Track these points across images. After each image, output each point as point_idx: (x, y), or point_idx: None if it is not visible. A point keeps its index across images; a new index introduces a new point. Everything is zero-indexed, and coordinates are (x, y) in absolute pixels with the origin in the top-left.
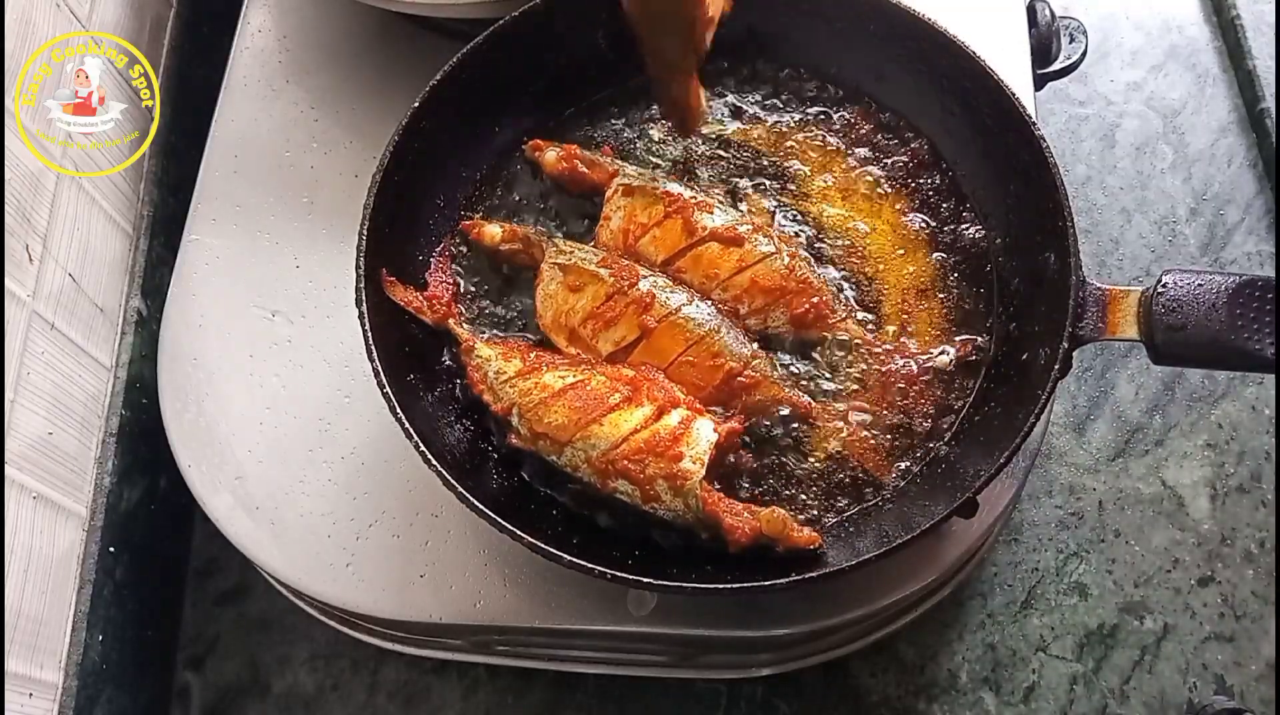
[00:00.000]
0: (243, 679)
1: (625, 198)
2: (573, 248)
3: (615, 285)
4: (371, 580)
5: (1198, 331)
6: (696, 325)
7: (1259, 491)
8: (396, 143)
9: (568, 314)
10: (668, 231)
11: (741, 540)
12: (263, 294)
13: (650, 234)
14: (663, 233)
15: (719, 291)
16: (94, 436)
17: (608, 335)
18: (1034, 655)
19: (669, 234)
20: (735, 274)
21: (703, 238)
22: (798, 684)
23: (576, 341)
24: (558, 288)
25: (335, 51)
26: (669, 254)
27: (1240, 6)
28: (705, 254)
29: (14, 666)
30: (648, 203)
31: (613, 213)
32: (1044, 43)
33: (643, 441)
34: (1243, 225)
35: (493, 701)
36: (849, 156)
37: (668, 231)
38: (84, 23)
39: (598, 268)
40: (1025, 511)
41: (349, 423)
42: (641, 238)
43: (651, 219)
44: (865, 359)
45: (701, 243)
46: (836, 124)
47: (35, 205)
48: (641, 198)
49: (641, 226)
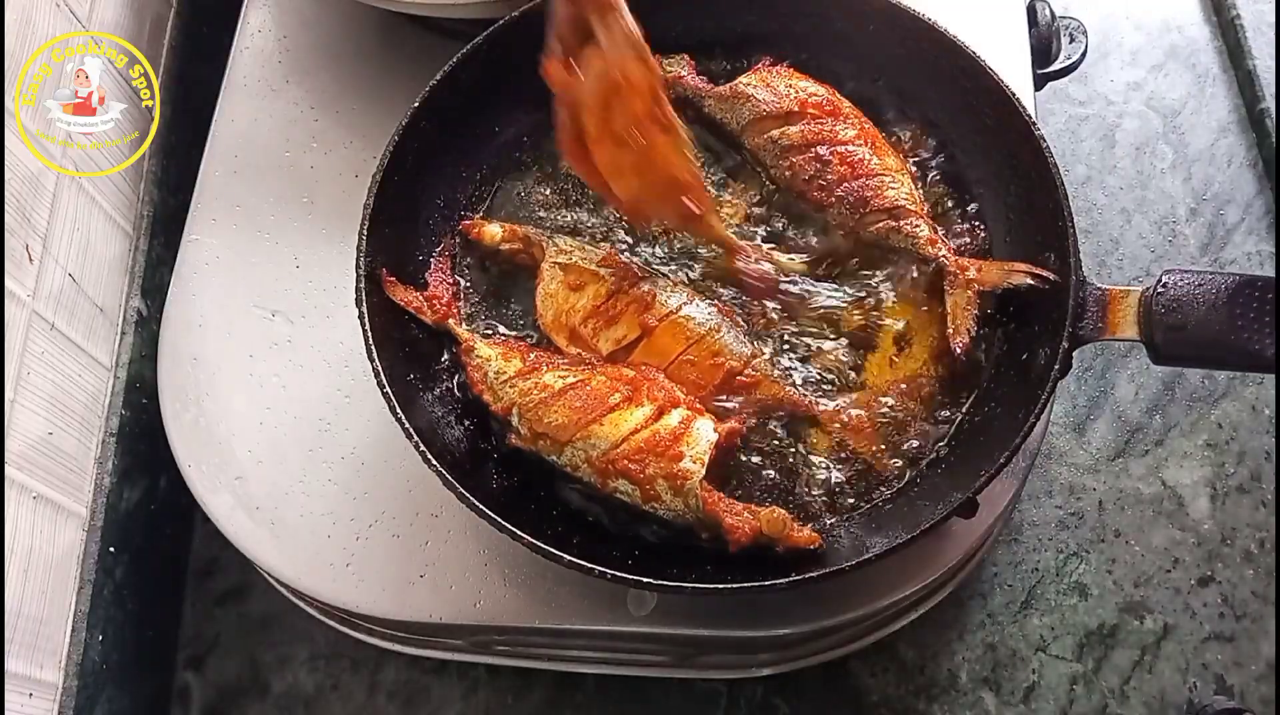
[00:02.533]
0: (243, 679)
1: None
2: (573, 247)
3: (616, 284)
4: (371, 580)
5: (1198, 331)
6: (697, 324)
7: (1259, 491)
8: (396, 143)
9: (568, 313)
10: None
11: (742, 540)
12: (263, 294)
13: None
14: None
15: None
16: (94, 436)
17: (608, 334)
18: (1034, 655)
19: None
20: None
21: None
22: (798, 684)
23: (577, 341)
24: (558, 287)
25: (335, 51)
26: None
27: (1240, 6)
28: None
29: (14, 666)
30: (583, 280)
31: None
32: (1044, 43)
33: (643, 441)
34: (1243, 225)
35: (493, 701)
36: None
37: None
38: (84, 23)
39: (598, 267)
40: (1025, 511)
41: (349, 423)
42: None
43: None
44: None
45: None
46: None
47: (35, 205)
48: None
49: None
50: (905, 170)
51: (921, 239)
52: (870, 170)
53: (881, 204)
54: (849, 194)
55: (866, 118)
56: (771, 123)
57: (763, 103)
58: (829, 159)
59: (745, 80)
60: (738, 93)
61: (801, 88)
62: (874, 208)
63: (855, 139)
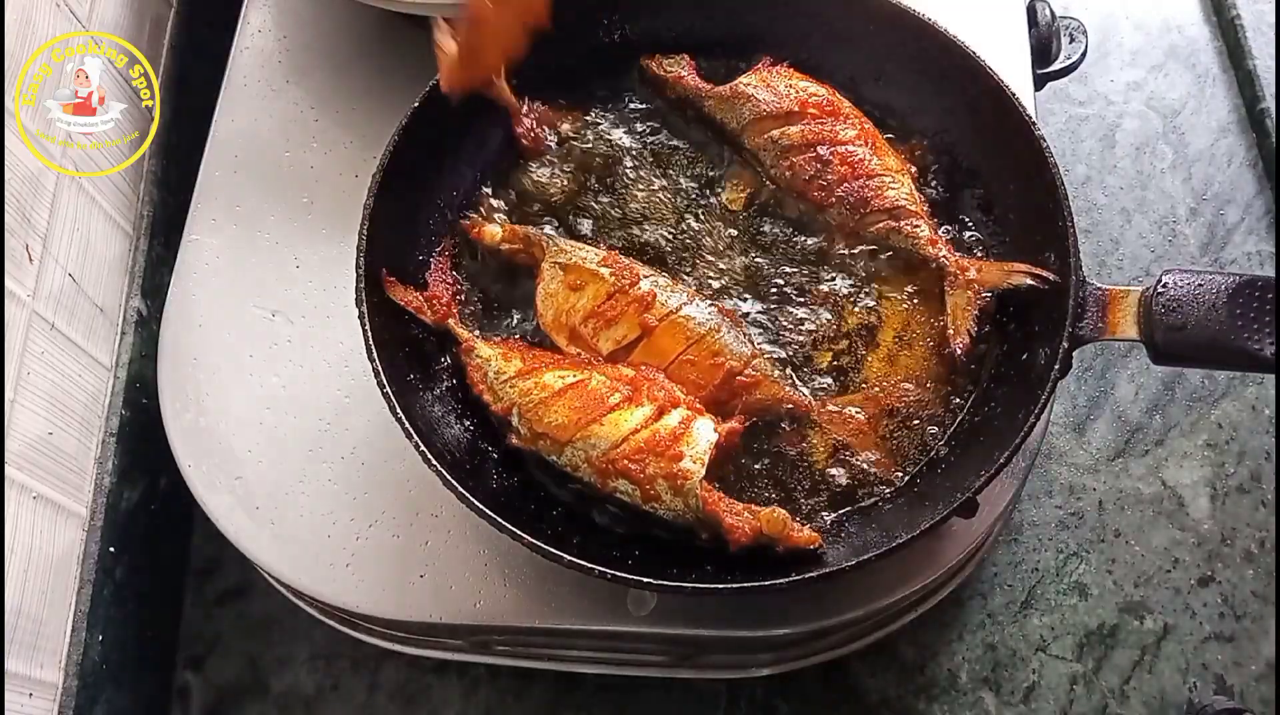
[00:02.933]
0: (243, 679)
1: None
2: (573, 247)
3: (616, 284)
4: (371, 580)
5: (1198, 331)
6: (697, 324)
7: (1259, 491)
8: (396, 143)
9: (568, 313)
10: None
11: (742, 540)
12: (263, 294)
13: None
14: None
15: None
16: (94, 436)
17: (608, 334)
18: (1034, 655)
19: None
20: None
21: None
22: (798, 684)
23: (577, 340)
24: (558, 287)
25: (335, 51)
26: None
27: (1240, 6)
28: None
29: (14, 666)
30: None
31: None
32: (1044, 43)
33: (643, 441)
34: (1243, 225)
35: (493, 701)
36: None
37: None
38: (84, 23)
39: (598, 267)
40: (1025, 511)
41: (349, 423)
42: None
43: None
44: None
45: None
46: None
47: (35, 205)
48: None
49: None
50: (905, 170)
51: (922, 239)
52: (870, 170)
53: (882, 204)
54: (849, 194)
55: (866, 118)
56: (772, 123)
57: (763, 103)
58: (829, 159)
59: (745, 80)
60: (738, 93)
61: (801, 88)
62: (874, 208)
63: (855, 139)
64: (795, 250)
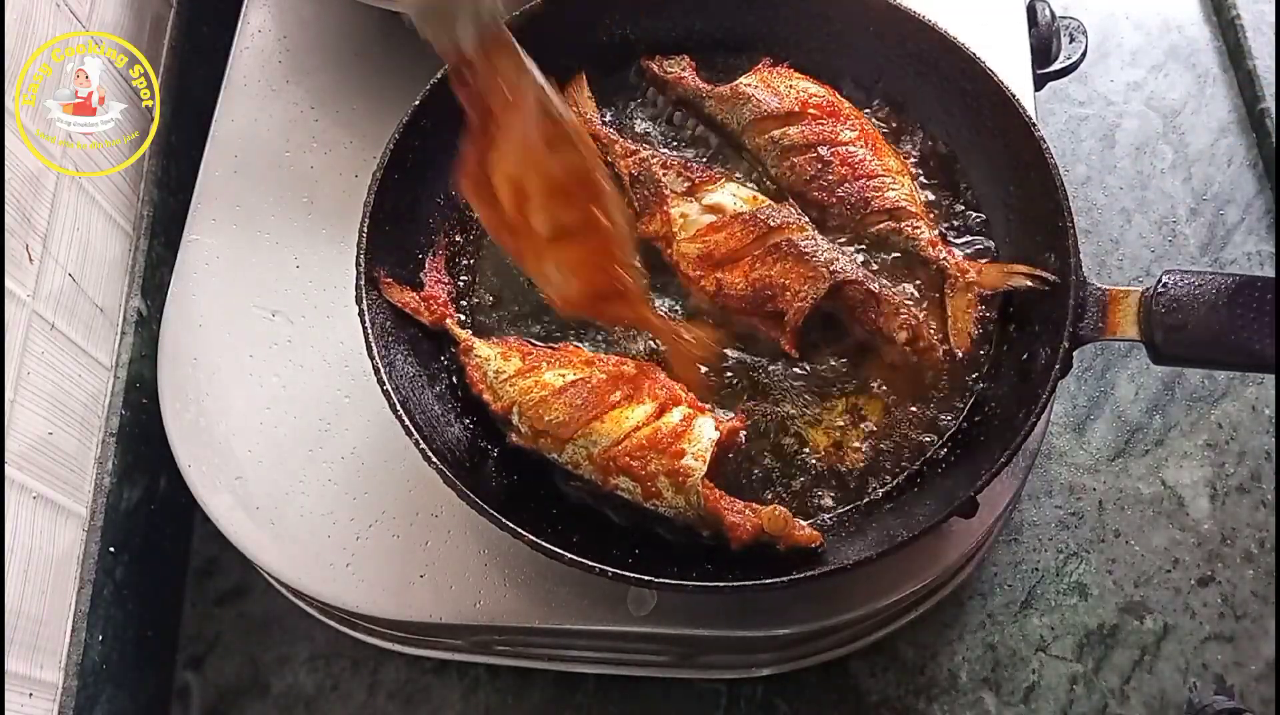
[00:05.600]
0: (243, 679)
1: None
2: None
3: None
4: (371, 580)
5: (1198, 331)
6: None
7: (1259, 491)
8: (396, 142)
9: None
10: None
11: (743, 538)
12: (263, 294)
13: None
14: None
15: None
16: (94, 436)
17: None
18: (1034, 655)
19: None
20: None
21: None
22: (798, 684)
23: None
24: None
25: (335, 51)
26: None
27: (1240, 6)
28: None
29: (14, 666)
30: None
31: None
32: (1044, 43)
33: (644, 438)
34: (1243, 225)
35: (493, 701)
36: None
37: None
38: (84, 23)
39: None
40: (1025, 511)
41: (349, 423)
42: None
43: None
44: None
45: None
46: None
47: (35, 205)
48: None
49: None
50: (906, 171)
51: (922, 240)
52: (871, 171)
53: (882, 205)
54: (850, 195)
55: (866, 118)
56: (772, 123)
57: (763, 103)
58: (830, 159)
59: (745, 80)
60: (738, 93)
61: (802, 88)
62: (875, 209)
63: (856, 140)
64: None
